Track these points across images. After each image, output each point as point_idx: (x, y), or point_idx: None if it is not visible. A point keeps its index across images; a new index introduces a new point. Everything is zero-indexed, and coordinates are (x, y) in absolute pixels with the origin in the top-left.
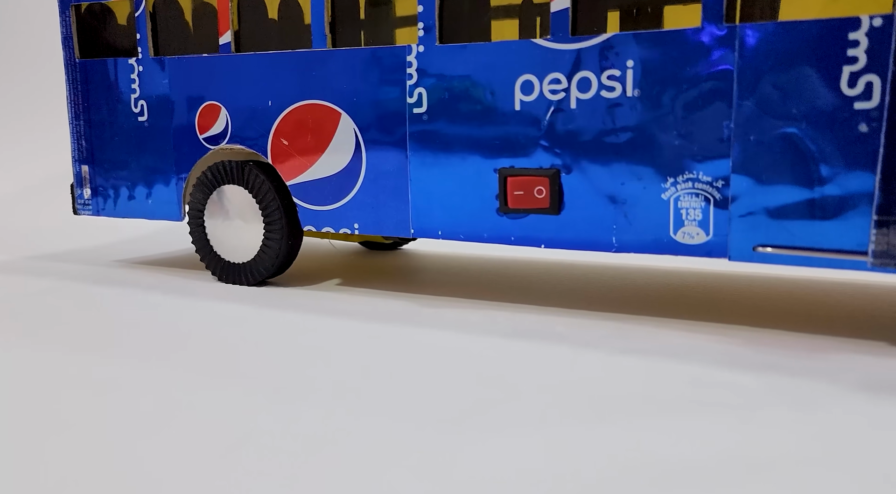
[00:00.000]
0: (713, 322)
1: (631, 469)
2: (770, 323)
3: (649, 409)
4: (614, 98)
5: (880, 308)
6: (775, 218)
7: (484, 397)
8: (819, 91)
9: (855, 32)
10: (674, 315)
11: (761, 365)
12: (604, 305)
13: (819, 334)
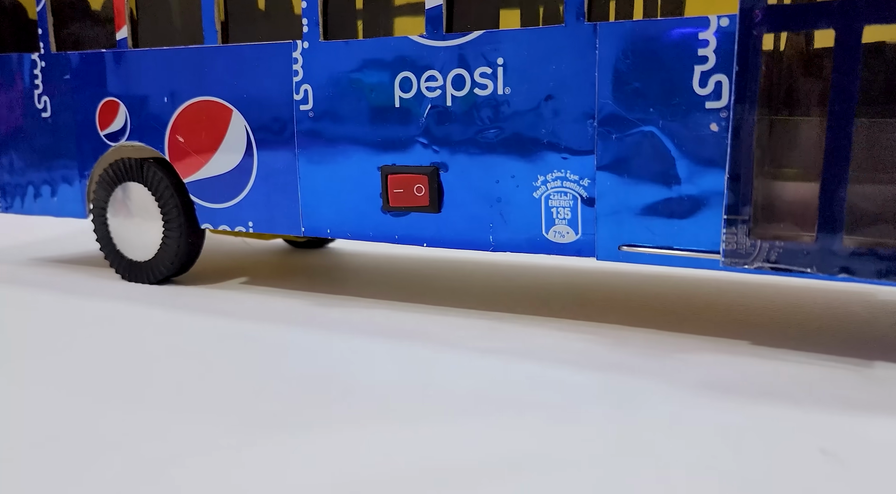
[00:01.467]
0: (585, 320)
1: (415, 470)
2: (637, 321)
3: (474, 409)
4: (486, 96)
5: (752, 307)
6: (638, 217)
7: (313, 398)
8: (673, 90)
9: (704, 32)
10: (552, 313)
11: (608, 365)
12: (491, 304)
13: (683, 333)
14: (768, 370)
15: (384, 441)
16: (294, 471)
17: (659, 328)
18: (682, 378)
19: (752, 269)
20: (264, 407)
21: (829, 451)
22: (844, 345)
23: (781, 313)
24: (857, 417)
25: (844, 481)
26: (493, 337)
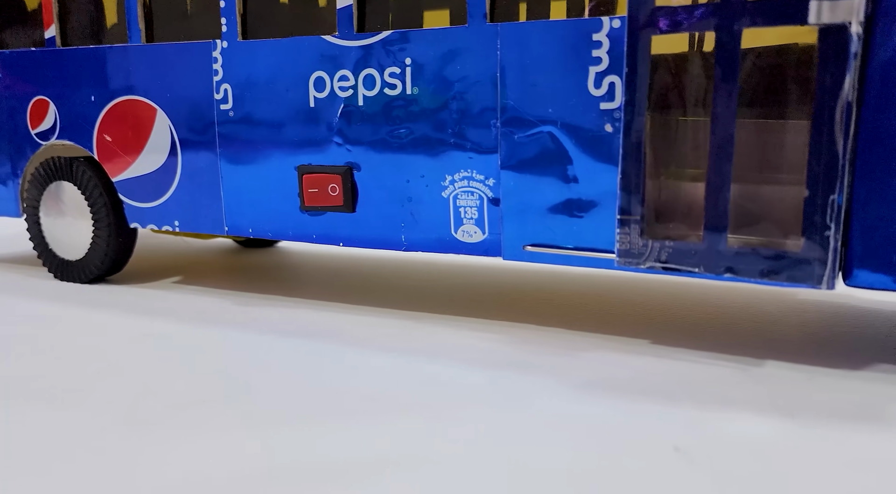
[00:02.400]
0: (498, 319)
1: (269, 470)
2: (546, 320)
3: (358, 408)
4: (396, 95)
5: (667, 307)
6: (540, 217)
7: (202, 397)
8: (570, 91)
9: (598, 33)
10: (469, 313)
11: (506, 363)
12: (415, 303)
13: (590, 332)
14: (660, 368)
15: (251, 441)
16: (156, 470)
17: (568, 327)
18: (572, 376)
19: (645, 269)
20: (149, 405)
21: (681, 449)
22: (745, 345)
23: (694, 312)
24: (726, 415)
25: (683, 478)
26: (404, 337)
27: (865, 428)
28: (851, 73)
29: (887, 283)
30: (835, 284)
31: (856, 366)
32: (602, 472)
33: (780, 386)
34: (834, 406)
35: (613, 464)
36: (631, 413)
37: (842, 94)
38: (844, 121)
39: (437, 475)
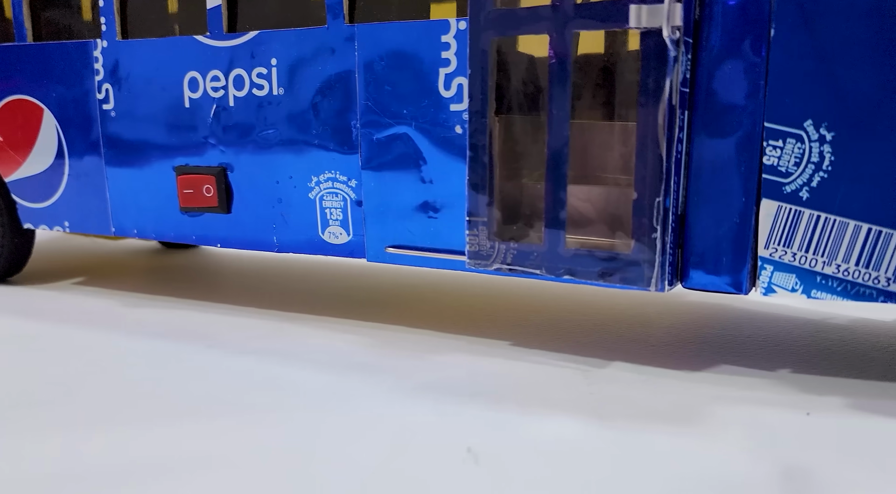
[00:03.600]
0: (369, 321)
1: (49, 475)
2: (412, 321)
3: (190, 411)
4: (264, 96)
5: (536, 308)
6: (400, 218)
7: (32, 399)
8: (423, 92)
9: (446, 35)
10: (341, 314)
11: (355, 365)
12: (297, 304)
13: (452, 333)
14: (503, 370)
15: (58, 444)
16: None
17: (434, 328)
18: (414, 378)
19: (493, 271)
20: None
21: (472, 450)
22: (604, 347)
23: (571, 314)
24: (542, 416)
25: (462, 479)
26: (271, 338)
27: (667, 429)
28: (672, 77)
29: (720, 285)
30: (665, 287)
31: (700, 368)
32: (387, 473)
33: (611, 387)
34: (653, 407)
35: (404, 465)
36: (448, 415)
37: (662, 98)
38: (667, 125)
39: (212, 479)
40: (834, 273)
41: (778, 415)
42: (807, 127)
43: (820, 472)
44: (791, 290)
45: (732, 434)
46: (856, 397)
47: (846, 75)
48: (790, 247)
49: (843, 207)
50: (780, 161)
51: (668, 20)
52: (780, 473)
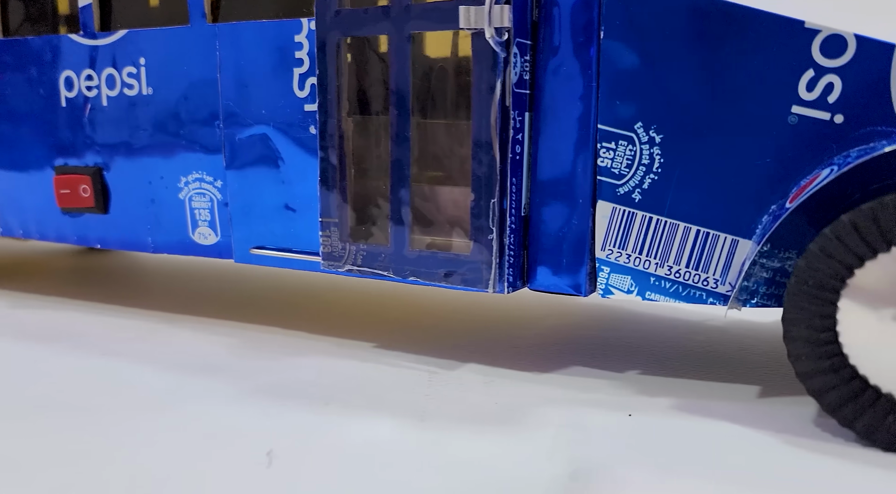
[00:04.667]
0: (240, 321)
1: None
2: (291, 322)
3: (21, 413)
4: (134, 96)
5: (412, 310)
6: (263, 219)
7: None
8: (279, 92)
9: (299, 35)
10: (226, 315)
11: (207, 366)
12: (185, 305)
13: (320, 335)
14: (353, 372)
15: None
16: None
17: (304, 329)
18: (258, 379)
19: (345, 272)
20: None
21: (273, 453)
22: (467, 349)
23: (435, 316)
24: (363, 418)
25: (254, 482)
26: (138, 339)
27: (482, 431)
28: (503, 78)
29: (562, 287)
30: (505, 288)
31: (550, 370)
32: (183, 474)
33: (451, 389)
34: (481, 409)
35: (198, 468)
36: (270, 417)
37: (494, 99)
38: (499, 126)
39: (35, 478)
40: (666, 274)
41: (600, 417)
42: (637, 129)
43: (606, 473)
44: (627, 292)
45: (544, 436)
46: (690, 398)
47: (672, 78)
48: (625, 248)
49: (673, 209)
50: (613, 163)
51: (489, 22)
52: (567, 475)
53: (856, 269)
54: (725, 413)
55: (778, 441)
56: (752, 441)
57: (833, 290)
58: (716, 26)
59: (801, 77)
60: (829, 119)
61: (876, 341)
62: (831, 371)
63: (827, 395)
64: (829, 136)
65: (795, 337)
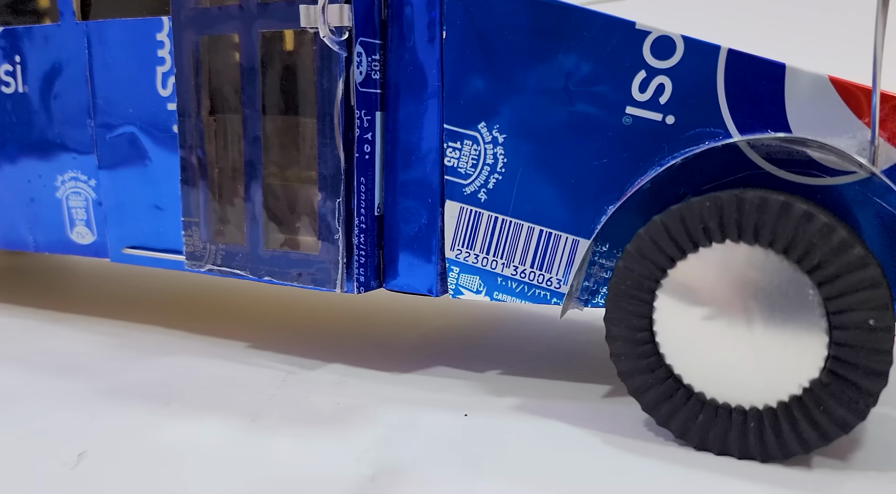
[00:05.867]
0: (130, 321)
1: None
2: (177, 321)
3: None
4: (11, 93)
5: (308, 313)
6: (134, 219)
7: None
8: (144, 91)
9: (160, 33)
10: (110, 313)
11: (61, 366)
12: (74, 303)
13: (200, 334)
14: (209, 372)
15: None
16: None
17: (182, 328)
18: (105, 380)
19: (206, 271)
20: None
21: (86, 454)
22: (336, 350)
23: (328, 317)
24: (191, 420)
25: (53, 483)
26: (11, 340)
27: (305, 432)
28: (344, 77)
29: (415, 287)
30: (354, 288)
31: (412, 370)
32: None
33: (299, 389)
34: (317, 409)
35: (6, 468)
36: (97, 418)
37: (336, 98)
38: (343, 126)
39: None
40: (512, 274)
41: (436, 417)
42: (480, 129)
43: (411, 474)
44: (476, 292)
45: (366, 436)
46: (536, 398)
47: (511, 78)
48: (473, 248)
49: (517, 209)
50: (460, 163)
51: (323, 21)
52: (369, 476)
53: (668, 270)
54: (564, 413)
55: (599, 440)
56: (574, 441)
57: (648, 290)
58: (552, 27)
59: (634, 78)
60: (661, 120)
61: (688, 341)
62: (648, 370)
63: (645, 395)
64: (662, 137)
65: (616, 336)
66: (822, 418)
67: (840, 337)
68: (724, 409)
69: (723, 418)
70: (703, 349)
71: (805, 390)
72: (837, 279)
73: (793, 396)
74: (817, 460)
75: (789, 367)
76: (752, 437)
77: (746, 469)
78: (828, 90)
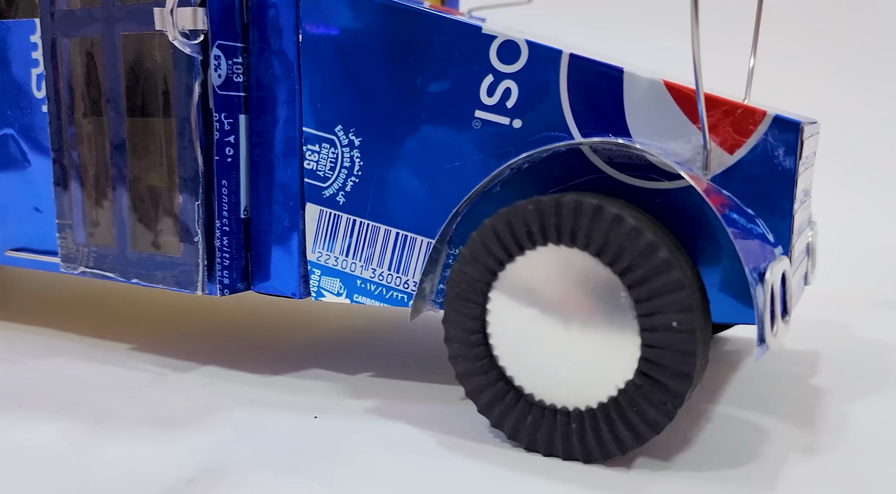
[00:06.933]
0: (23, 322)
1: None
2: (68, 324)
3: None
4: None
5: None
6: (16, 221)
7: None
8: (20, 93)
9: (34, 35)
10: (9, 316)
11: None
12: None
13: (92, 337)
14: (79, 374)
15: None
16: None
17: (71, 330)
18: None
19: (80, 273)
20: None
21: None
22: (226, 353)
23: (213, 320)
24: (30, 421)
25: None
26: None
27: (147, 433)
28: (201, 80)
29: (279, 289)
30: (217, 290)
31: (288, 372)
32: None
33: (162, 391)
34: (173, 411)
35: None
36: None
37: (193, 101)
38: (200, 128)
39: None
40: (371, 277)
41: (283, 419)
42: (337, 132)
43: (234, 476)
44: (337, 295)
45: (206, 438)
46: (395, 400)
47: (366, 82)
48: (333, 251)
49: (374, 212)
50: (319, 165)
51: (172, 24)
52: (187, 479)
53: (498, 272)
54: (414, 415)
55: (435, 442)
56: (411, 444)
57: (481, 293)
58: (403, 32)
59: (482, 82)
60: (509, 123)
61: (518, 343)
62: (482, 372)
63: (480, 396)
64: (510, 141)
65: (453, 338)
66: (636, 419)
67: (649, 339)
68: (550, 411)
69: (549, 419)
70: (531, 351)
71: (621, 391)
72: (646, 282)
73: (611, 397)
74: (640, 461)
75: (607, 369)
76: (574, 438)
77: (565, 471)
78: (663, 94)
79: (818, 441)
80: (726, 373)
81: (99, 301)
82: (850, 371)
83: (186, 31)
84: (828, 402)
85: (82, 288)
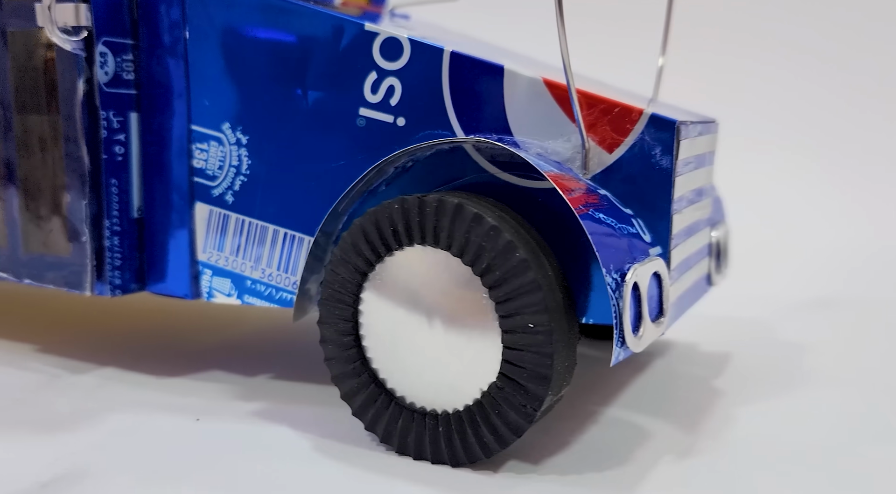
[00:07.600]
0: None
1: None
2: None
3: None
4: None
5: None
6: None
7: None
8: None
9: None
10: None
11: None
12: None
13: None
14: None
15: None
16: None
17: None
18: None
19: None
20: None
21: None
22: (120, 352)
23: (136, 322)
24: None
25: None
26: None
27: (16, 433)
28: (84, 77)
29: (172, 290)
30: (108, 291)
31: (192, 373)
32: None
33: (50, 392)
34: (50, 411)
35: None
36: None
37: (77, 99)
38: (85, 127)
39: None
40: (260, 277)
41: (164, 421)
42: (225, 130)
43: (93, 480)
44: (228, 295)
45: (77, 442)
46: (286, 403)
47: (251, 79)
48: (223, 251)
49: (262, 211)
50: (207, 164)
51: (51, 20)
52: (42, 483)
53: (368, 273)
54: (298, 418)
55: (310, 446)
56: (285, 447)
57: (352, 294)
58: (286, 28)
59: (366, 79)
60: (393, 121)
61: (388, 345)
62: (355, 375)
63: (354, 399)
64: (394, 139)
65: (327, 340)
66: (499, 422)
67: (509, 341)
68: (419, 414)
69: (419, 422)
70: (401, 353)
71: (485, 394)
72: (504, 283)
73: (476, 400)
74: (510, 464)
75: (472, 371)
76: (442, 442)
77: (430, 474)
78: (543, 92)
79: (695, 443)
80: (630, 375)
81: (7, 300)
82: (755, 373)
83: (68, 27)
84: (719, 404)
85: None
